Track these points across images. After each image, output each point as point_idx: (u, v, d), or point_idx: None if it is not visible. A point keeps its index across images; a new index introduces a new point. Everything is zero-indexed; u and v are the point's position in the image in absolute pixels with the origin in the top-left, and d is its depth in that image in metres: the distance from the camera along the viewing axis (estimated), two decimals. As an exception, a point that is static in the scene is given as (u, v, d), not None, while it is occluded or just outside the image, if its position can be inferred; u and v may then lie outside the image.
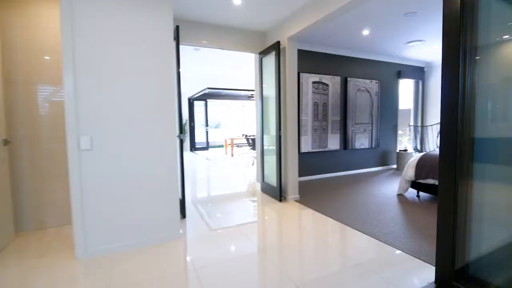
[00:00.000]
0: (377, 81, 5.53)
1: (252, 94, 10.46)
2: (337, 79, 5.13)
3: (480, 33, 1.37)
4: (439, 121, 5.72)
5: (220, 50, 4.02)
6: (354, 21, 3.63)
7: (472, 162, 1.49)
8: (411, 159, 3.64)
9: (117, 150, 2.30)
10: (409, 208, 3.21)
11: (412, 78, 5.94)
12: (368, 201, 3.54)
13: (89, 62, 2.18)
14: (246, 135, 9.71)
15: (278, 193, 3.72)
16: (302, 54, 4.71)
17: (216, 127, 13.65)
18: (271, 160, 4.02)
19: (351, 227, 2.70)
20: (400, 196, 3.73)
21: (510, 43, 1.45)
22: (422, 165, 3.41)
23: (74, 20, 2.13)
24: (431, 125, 5.48)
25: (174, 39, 3.06)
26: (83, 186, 2.21)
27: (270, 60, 3.89)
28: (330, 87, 5.07)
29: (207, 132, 11.67)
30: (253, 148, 7.09)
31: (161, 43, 2.43)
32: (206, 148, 11.45)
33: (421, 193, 3.74)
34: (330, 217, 2.99)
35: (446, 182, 1.50)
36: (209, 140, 11.71)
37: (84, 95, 2.18)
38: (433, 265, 1.93)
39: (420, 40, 4.37)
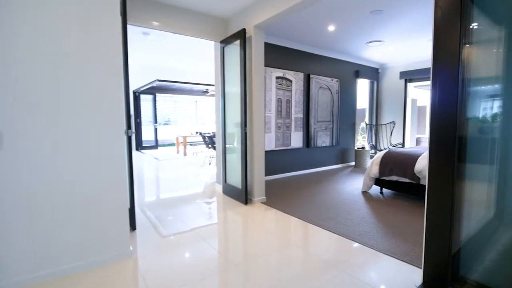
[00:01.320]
0: (337, 80, 5.71)
1: (207, 89, 10.01)
2: (300, 75, 5.12)
3: (478, 25, 1.36)
4: (391, 120, 6.19)
5: (174, 35, 3.61)
6: (322, 14, 3.60)
7: (465, 161, 1.48)
8: (375, 157, 3.78)
9: (42, 150, 1.79)
10: (376, 205, 3.31)
11: (368, 78, 6.31)
12: (335, 199, 3.56)
13: (-1, 29, 1.63)
14: (201, 133, 9.24)
15: (243, 195, 3.49)
16: (266, 47, 4.55)
17: (166, 124, 12.79)
18: (234, 160, 3.77)
19: (326, 229, 2.62)
20: (365, 193, 3.85)
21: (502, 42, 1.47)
22: (386, 162, 3.55)
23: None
24: (385, 124, 5.90)
25: (121, 14, 2.58)
26: (-9, 199, 1.65)
27: (233, 50, 3.63)
28: (293, 83, 5.03)
29: (155, 129, 10.80)
30: (210, 146, 6.73)
31: (104, 16, 1.97)
32: (155, 146, 10.59)
33: (384, 190, 3.91)
34: (302, 220, 2.88)
35: (439, 181, 1.47)
36: (158, 138, 10.86)
37: (-8, 73, 1.63)
38: (415, 266, 1.94)
39: (380, 41, 4.61)
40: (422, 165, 3.11)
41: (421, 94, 7.91)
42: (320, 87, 5.44)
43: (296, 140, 5.16)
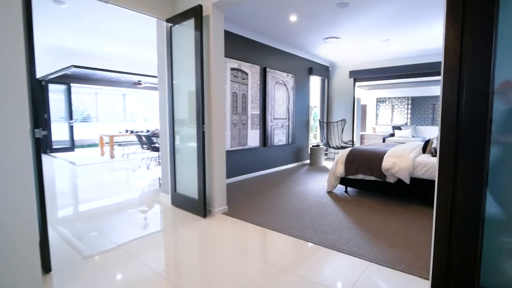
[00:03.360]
0: (293, 75, 5.66)
1: (140, 80, 8.89)
2: (257, 68, 4.85)
3: None
4: (341, 117, 6.48)
5: (97, 7, 2.88)
6: (286, 1, 3.38)
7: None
8: (339, 156, 3.77)
9: None
10: (347, 206, 3.27)
11: (320, 76, 6.46)
12: (304, 203, 3.40)
13: None
14: (133, 131, 8.16)
15: (201, 206, 3.02)
16: (220, 33, 4.14)
17: (85, 120, 11.05)
18: (187, 164, 3.26)
19: (308, 241, 2.39)
20: (331, 193, 3.82)
21: None
22: (351, 161, 3.57)
23: None
24: (336, 122, 6.14)
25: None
26: None
27: (185, 32, 3.11)
28: (249, 76, 4.73)
29: (71, 127, 9.14)
30: (148, 147, 5.91)
31: None
32: (70, 148, 8.95)
33: (348, 188, 3.93)
34: (278, 231, 2.60)
35: (465, 185, 1.36)
36: (74, 138, 9.22)
37: None
38: (414, 275, 1.86)
39: (337, 38, 4.67)
40: (389, 163, 3.19)
41: (362, 94, 8.62)
42: (276, 82, 5.29)
43: (253, 138, 4.88)
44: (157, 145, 5.72)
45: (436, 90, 7.82)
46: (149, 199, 3.76)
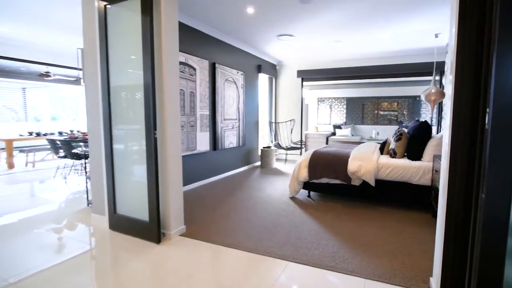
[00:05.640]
0: (242, 73, 5.34)
1: (48, 71, 7.27)
2: (205, 63, 4.37)
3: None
4: (289, 117, 6.47)
5: None
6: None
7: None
8: (301, 159, 3.65)
9: None
10: (315, 213, 3.15)
11: (268, 74, 6.29)
12: (270, 213, 3.15)
13: None
14: (40, 133, 6.62)
15: (154, 229, 2.48)
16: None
17: (-35, 120, 8.56)
18: (132, 177, 2.66)
19: (291, 261, 2.13)
20: (294, 199, 3.67)
21: None
22: (315, 165, 3.48)
23: None
24: (285, 122, 6.10)
25: None
26: None
27: (127, 15, 2.50)
28: (197, 72, 4.22)
29: None
30: (66, 155, 4.79)
31: None
32: None
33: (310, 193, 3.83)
34: (254, 252, 2.27)
35: (494, 189, 1.28)
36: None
37: None
38: (413, 289, 1.80)
39: (291, 35, 4.54)
40: (355, 166, 3.20)
41: (304, 93, 8.89)
42: (226, 79, 4.89)
43: (202, 142, 4.40)
44: (77, 150, 4.69)
45: (367, 92, 8.60)
46: (76, 221, 2.98)
